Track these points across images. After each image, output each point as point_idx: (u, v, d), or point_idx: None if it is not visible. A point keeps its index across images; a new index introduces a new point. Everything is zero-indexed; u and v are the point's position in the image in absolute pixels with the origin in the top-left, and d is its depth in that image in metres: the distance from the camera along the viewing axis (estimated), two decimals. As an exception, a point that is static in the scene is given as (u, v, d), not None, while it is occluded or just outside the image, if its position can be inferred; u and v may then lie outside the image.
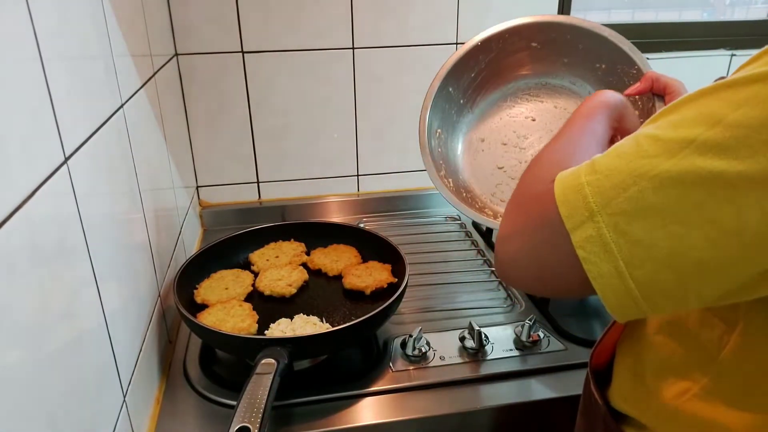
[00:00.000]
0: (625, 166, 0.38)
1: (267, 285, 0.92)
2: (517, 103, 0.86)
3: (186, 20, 1.12)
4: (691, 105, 0.38)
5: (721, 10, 1.57)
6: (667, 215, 0.36)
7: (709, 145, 0.35)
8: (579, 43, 0.81)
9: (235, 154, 1.24)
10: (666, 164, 0.36)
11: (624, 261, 0.37)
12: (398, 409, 0.75)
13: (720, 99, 0.36)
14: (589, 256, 0.39)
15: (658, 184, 0.36)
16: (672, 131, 0.37)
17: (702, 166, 0.35)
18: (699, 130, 0.36)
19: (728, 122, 0.35)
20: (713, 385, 0.47)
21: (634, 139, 0.40)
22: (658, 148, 0.37)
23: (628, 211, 0.37)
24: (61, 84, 0.52)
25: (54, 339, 0.47)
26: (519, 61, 0.86)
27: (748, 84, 0.35)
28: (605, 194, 0.38)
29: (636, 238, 0.37)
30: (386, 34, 1.20)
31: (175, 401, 0.77)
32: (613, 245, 0.38)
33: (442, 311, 0.95)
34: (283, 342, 0.72)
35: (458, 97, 0.86)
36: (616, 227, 0.38)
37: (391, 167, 1.33)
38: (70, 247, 0.52)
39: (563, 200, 0.40)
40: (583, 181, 0.40)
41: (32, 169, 0.46)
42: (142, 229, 0.77)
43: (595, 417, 0.59)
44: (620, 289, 0.38)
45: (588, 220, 0.39)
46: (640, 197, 0.37)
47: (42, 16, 0.49)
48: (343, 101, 1.24)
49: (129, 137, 0.73)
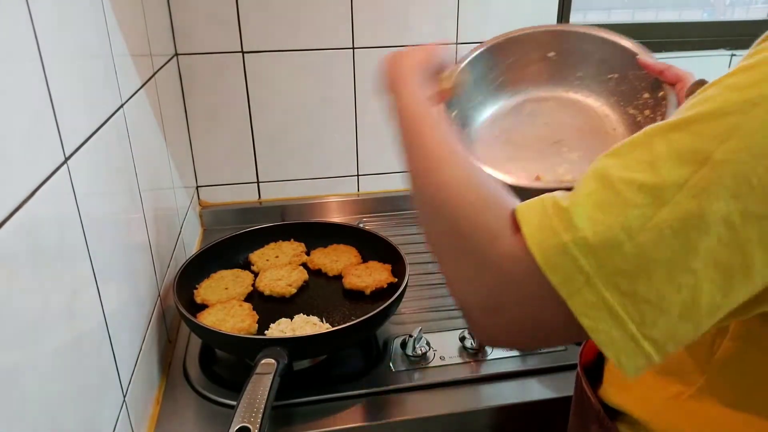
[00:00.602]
0: (613, 220, 0.34)
1: (267, 285, 0.92)
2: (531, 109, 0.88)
3: (186, 20, 1.12)
4: (663, 141, 0.35)
5: (721, 10, 1.57)
6: (672, 268, 0.33)
7: (701, 187, 0.33)
8: (595, 53, 0.82)
9: (235, 154, 1.24)
10: (660, 214, 0.33)
11: (635, 324, 0.34)
12: (398, 409, 0.75)
13: (697, 134, 0.34)
14: (595, 324, 0.35)
15: (657, 237, 0.33)
16: (652, 174, 0.34)
17: (698, 210, 0.33)
18: (686, 172, 0.33)
19: (716, 160, 0.33)
20: (708, 387, 0.47)
21: (607, 184, 0.36)
22: (645, 197, 0.34)
23: (629, 270, 0.34)
24: (61, 84, 0.52)
25: (54, 339, 0.47)
26: (537, 72, 0.88)
27: (722, 116, 0.33)
28: (597, 255, 0.34)
29: (643, 297, 0.34)
30: (386, 34, 1.20)
31: (175, 401, 0.77)
32: (619, 309, 0.34)
33: (442, 311, 0.95)
34: (283, 342, 0.72)
35: (477, 93, 0.88)
36: (618, 289, 0.34)
37: (391, 167, 1.33)
38: (70, 247, 0.52)
39: (550, 266, 0.36)
40: (566, 240, 0.35)
41: (32, 169, 0.46)
42: (142, 229, 0.77)
43: (588, 415, 0.59)
44: (635, 351, 0.35)
45: (585, 286, 0.35)
46: (638, 253, 0.34)
47: (42, 16, 0.49)
48: (343, 101, 1.24)
49: (129, 137, 0.73)
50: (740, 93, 0.33)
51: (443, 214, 0.45)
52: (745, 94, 0.33)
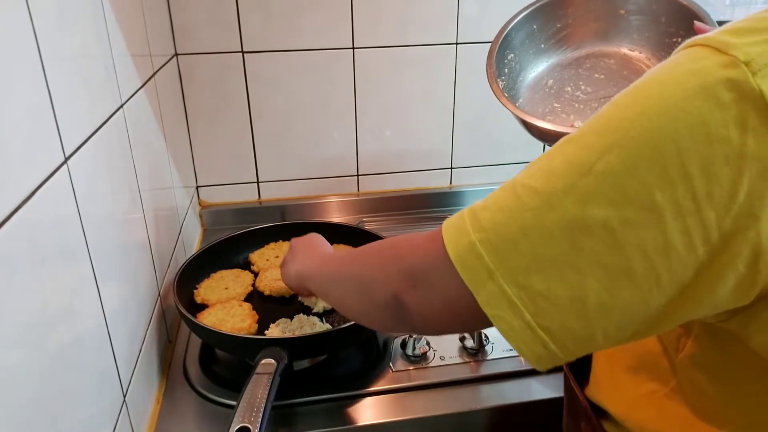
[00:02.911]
0: (511, 221, 0.39)
1: (267, 285, 0.92)
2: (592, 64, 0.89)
3: (186, 20, 1.11)
4: (560, 153, 0.39)
5: (721, 10, 1.57)
6: (560, 265, 0.37)
7: (583, 193, 0.36)
8: (662, 16, 0.83)
9: (235, 154, 1.24)
10: (550, 216, 0.37)
11: (530, 313, 0.38)
12: (398, 409, 0.75)
13: (585, 146, 0.37)
14: (497, 313, 0.39)
15: (547, 237, 0.37)
16: (546, 181, 0.38)
17: (582, 215, 0.36)
18: (572, 180, 0.37)
19: (597, 171, 0.36)
20: (679, 388, 0.48)
21: (511, 190, 0.40)
22: (539, 201, 0.38)
23: (523, 265, 0.38)
24: (61, 84, 0.52)
25: (54, 339, 0.47)
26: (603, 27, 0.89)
27: (607, 133, 0.36)
28: (498, 251, 0.39)
29: (537, 291, 0.38)
30: (386, 34, 1.20)
31: (175, 401, 0.77)
32: (517, 300, 0.38)
33: (442, 311, 0.95)
34: (283, 342, 0.72)
35: (539, 40, 0.90)
36: (516, 282, 0.38)
37: (391, 167, 1.33)
38: (70, 247, 0.52)
39: (460, 261, 0.40)
40: (474, 239, 0.40)
41: (32, 170, 0.46)
42: (142, 229, 0.77)
43: (578, 413, 0.60)
44: (533, 340, 0.39)
45: (488, 279, 0.39)
46: (532, 251, 0.37)
47: (42, 16, 0.49)
48: (343, 101, 1.24)
49: (129, 137, 0.73)
50: (624, 111, 0.36)
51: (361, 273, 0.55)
52: (627, 112, 0.36)
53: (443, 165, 1.35)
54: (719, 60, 0.33)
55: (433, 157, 1.34)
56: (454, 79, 1.27)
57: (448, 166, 1.36)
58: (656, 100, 0.35)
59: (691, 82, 0.34)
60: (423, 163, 1.34)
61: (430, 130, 1.31)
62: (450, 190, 1.36)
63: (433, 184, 1.36)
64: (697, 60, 0.35)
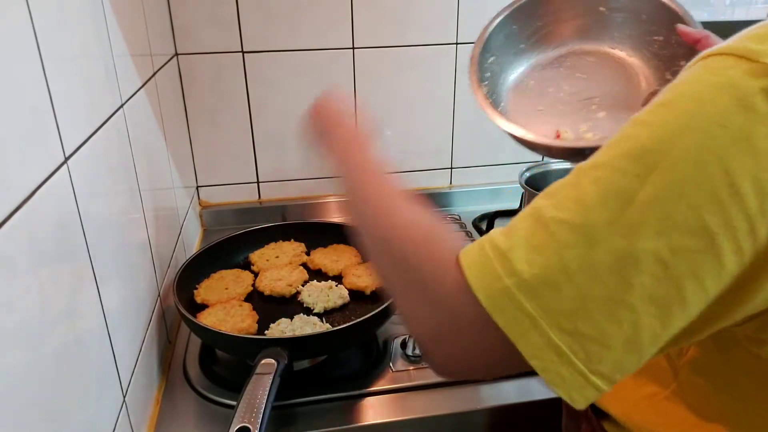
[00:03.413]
0: (550, 262, 0.35)
1: (267, 285, 0.92)
2: (572, 63, 0.88)
3: (186, 20, 1.11)
4: (588, 180, 0.36)
5: (721, 10, 1.57)
6: (610, 305, 0.34)
7: (628, 225, 0.34)
8: (643, 14, 0.82)
9: (235, 154, 1.24)
10: (594, 254, 0.34)
11: (582, 361, 0.35)
12: (398, 409, 0.75)
13: (621, 172, 0.35)
14: (544, 365, 0.36)
15: (593, 276, 0.34)
16: (582, 215, 0.35)
17: (629, 248, 0.34)
18: (613, 213, 0.34)
19: (640, 200, 0.34)
20: (680, 389, 0.48)
21: (541, 225, 0.37)
22: (578, 238, 0.35)
23: (569, 310, 0.35)
24: (61, 84, 0.52)
25: (54, 339, 0.47)
26: (584, 25, 0.87)
27: (643, 156, 0.34)
28: (539, 296, 0.35)
29: (587, 335, 0.35)
30: (386, 34, 1.20)
31: (175, 401, 0.77)
32: (565, 348, 0.35)
33: (442, 311, 0.95)
34: (283, 342, 0.72)
35: (520, 40, 0.88)
36: (562, 329, 0.35)
37: (391, 167, 1.33)
38: (70, 247, 0.52)
39: (496, 309, 0.37)
40: (509, 284, 0.36)
41: (32, 169, 0.46)
42: (142, 229, 0.77)
43: (578, 414, 0.60)
44: (585, 386, 0.36)
45: (531, 329, 0.36)
46: (577, 294, 0.35)
47: (42, 16, 0.49)
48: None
49: (129, 137, 0.73)
50: (657, 131, 0.34)
51: (393, 253, 0.47)
52: (660, 132, 0.34)
53: (443, 165, 1.35)
54: (748, 68, 0.32)
55: (433, 157, 1.34)
56: (454, 79, 1.27)
57: (448, 166, 1.36)
58: (691, 118, 0.33)
59: (724, 96, 0.32)
60: (423, 163, 1.34)
61: (430, 130, 1.31)
62: (450, 190, 1.36)
63: (433, 184, 1.36)
64: (721, 70, 0.33)
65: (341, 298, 0.89)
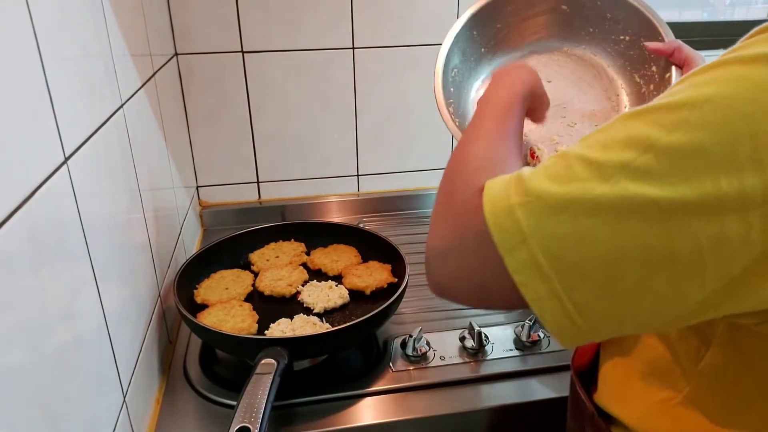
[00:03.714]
0: (558, 189, 0.37)
1: (267, 285, 0.92)
2: (536, 63, 0.86)
3: (186, 20, 1.11)
4: (623, 126, 0.37)
5: (721, 10, 1.57)
6: (601, 241, 0.35)
7: (642, 171, 0.34)
8: (608, 12, 0.80)
9: (235, 154, 1.24)
10: (599, 189, 0.35)
11: (560, 284, 0.37)
12: (398, 409, 0.75)
13: (650, 122, 0.35)
14: (525, 281, 0.38)
15: (593, 210, 0.35)
16: (602, 153, 0.36)
17: (635, 193, 0.34)
18: (631, 155, 0.35)
19: (659, 147, 0.34)
20: (694, 395, 0.47)
21: (563, 159, 0.38)
22: (590, 172, 0.36)
23: (562, 235, 0.36)
24: (61, 84, 0.52)
25: (54, 339, 0.47)
26: (545, 23, 0.85)
27: (678, 108, 0.34)
28: (538, 217, 0.37)
29: (571, 263, 0.36)
30: (386, 34, 1.20)
31: (175, 401, 0.77)
32: (549, 270, 0.37)
33: (442, 311, 0.95)
34: (283, 342, 0.72)
35: (480, 44, 0.86)
36: (550, 252, 0.36)
37: (391, 167, 1.33)
38: (70, 247, 0.52)
39: (494, 222, 0.39)
40: (514, 203, 0.38)
41: (32, 169, 0.46)
42: (142, 229, 0.77)
43: (583, 418, 0.59)
44: (559, 311, 0.37)
45: (521, 244, 0.37)
46: (574, 222, 0.36)
47: (42, 16, 0.49)
48: (343, 101, 1.24)
49: (129, 137, 0.73)
50: (696, 90, 0.35)
51: (448, 175, 0.51)
52: (700, 90, 0.34)
53: (443, 165, 1.34)
54: None
55: (433, 157, 1.34)
56: (454, 79, 1.26)
57: (448, 166, 1.35)
58: (736, 80, 0.33)
59: None
60: (423, 163, 1.34)
61: (429, 130, 1.31)
62: (450, 190, 1.36)
63: (432, 184, 1.36)
64: None
65: (341, 298, 0.89)
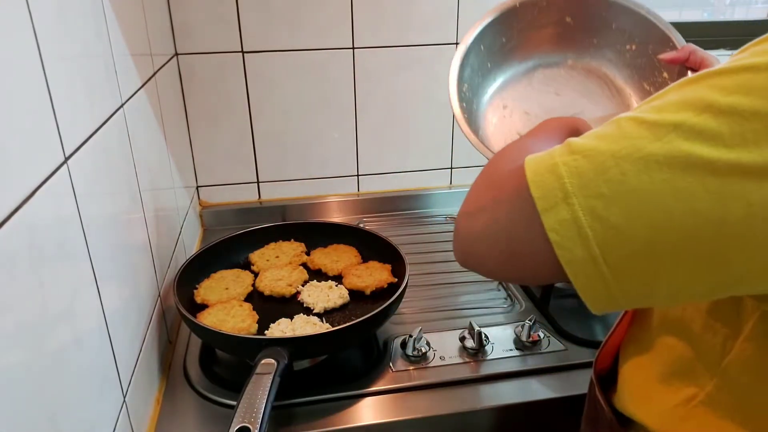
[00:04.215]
0: (606, 147, 0.36)
1: (267, 285, 0.92)
2: (543, 76, 0.86)
3: (186, 20, 1.12)
4: (676, 91, 0.36)
5: (721, 10, 1.57)
6: (649, 201, 0.34)
7: (697, 130, 0.33)
8: (613, 22, 0.80)
9: (235, 154, 1.24)
10: (651, 147, 0.34)
11: (599, 246, 0.35)
12: (398, 409, 0.75)
13: (708, 86, 0.34)
14: (562, 241, 0.36)
15: (643, 168, 0.34)
16: (656, 114, 0.35)
17: (690, 152, 0.33)
18: (686, 115, 0.34)
19: (718, 108, 0.33)
20: (717, 391, 0.46)
21: (614, 122, 0.38)
22: (642, 130, 0.35)
23: (607, 194, 0.35)
24: (61, 84, 0.52)
25: (54, 339, 0.47)
26: (550, 36, 0.85)
27: (738, 72, 0.34)
28: (582, 175, 0.36)
29: (613, 224, 0.35)
30: (386, 34, 1.20)
31: (175, 401, 0.77)
32: (588, 230, 0.35)
33: (442, 311, 0.95)
34: (283, 342, 0.72)
35: (486, 60, 0.86)
36: (593, 211, 0.35)
37: (391, 167, 1.33)
38: (70, 247, 0.52)
39: (535, 179, 0.38)
40: (558, 161, 0.37)
41: (32, 169, 0.46)
42: (142, 229, 0.77)
43: (600, 423, 0.58)
44: (594, 274, 0.36)
45: (562, 202, 0.36)
46: (621, 180, 0.34)
47: (42, 16, 0.49)
48: (343, 101, 1.24)
49: (129, 137, 0.73)
50: (759, 56, 0.34)
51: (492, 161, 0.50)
52: (763, 57, 0.33)
53: (443, 165, 1.35)
54: None
55: (433, 157, 1.34)
56: (454, 79, 1.26)
57: (448, 166, 1.36)
58: None
59: None
60: (423, 163, 1.34)
61: (430, 130, 1.31)
62: (450, 190, 1.36)
63: (433, 184, 1.36)
64: None
65: (341, 298, 0.89)
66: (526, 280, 0.70)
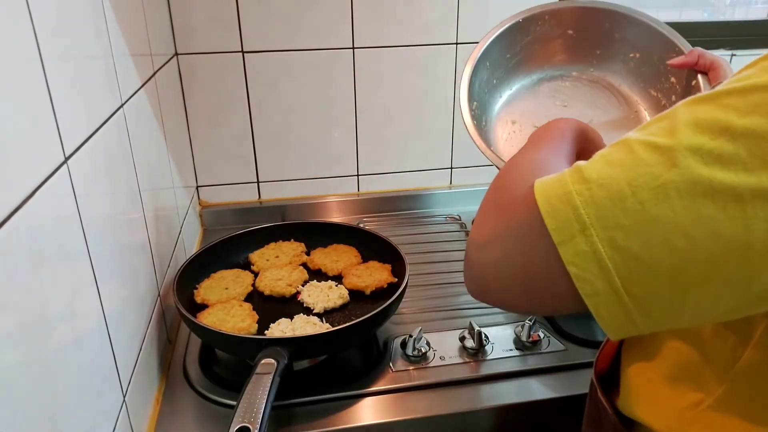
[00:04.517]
0: (621, 175, 0.35)
1: (267, 285, 0.92)
2: (548, 89, 0.86)
3: (186, 20, 1.11)
4: (688, 111, 0.35)
5: (721, 10, 1.57)
6: (670, 230, 0.33)
7: (715, 155, 0.32)
8: (615, 32, 0.80)
9: (235, 154, 1.24)
10: (668, 174, 0.33)
11: (620, 278, 0.34)
12: (398, 409, 0.75)
13: (721, 106, 0.34)
14: (581, 273, 0.35)
15: (662, 196, 0.33)
16: (670, 138, 0.34)
17: (710, 178, 0.32)
18: (703, 139, 0.33)
19: (735, 131, 0.32)
20: (727, 397, 0.45)
21: (624, 145, 0.36)
22: (657, 157, 0.34)
23: (626, 225, 0.34)
24: (61, 84, 0.52)
25: (54, 339, 0.47)
26: (554, 49, 0.85)
27: (751, 92, 0.33)
28: (599, 206, 0.35)
29: (635, 254, 0.34)
30: (386, 34, 1.20)
31: (175, 401, 0.77)
32: (609, 261, 0.34)
33: (442, 311, 0.95)
34: (283, 342, 0.72)
35: (492, 76, 0.86)
36: (612, 242, 0.34)
37: (391, 167, 1.33)
38: (70, 248, 0.52)
39: (549, 210, 0.36)
40: (572, 189, 0.36)
41: (32, 169, 0.46)
42: (142, 229, 0.77)
43: (603, 425, 0.58)
44: (616, 306, 0.35)
45: (579, 234, 0.35)
46: (640, 210, 0.34)
47: (42, 16, 0.49)
48: (343, 101, 1.24)
49: (129, 137, 0.73)
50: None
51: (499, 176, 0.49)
52: None
53: (443, 165, 1.35)
54: None
55: (433, 157, 1.34)
56: (454, 79, 1.27)
57: (448, 166, 1.36)
58: None
59: None
60: (423, 163, 1.34)
61: (430, 130, 1.31)
62: (450, 190, 1.36)
63: (433, 184, 1.36)
64: None
65: (341, 298, 0.89)
66: (546, 312, 0.69)
